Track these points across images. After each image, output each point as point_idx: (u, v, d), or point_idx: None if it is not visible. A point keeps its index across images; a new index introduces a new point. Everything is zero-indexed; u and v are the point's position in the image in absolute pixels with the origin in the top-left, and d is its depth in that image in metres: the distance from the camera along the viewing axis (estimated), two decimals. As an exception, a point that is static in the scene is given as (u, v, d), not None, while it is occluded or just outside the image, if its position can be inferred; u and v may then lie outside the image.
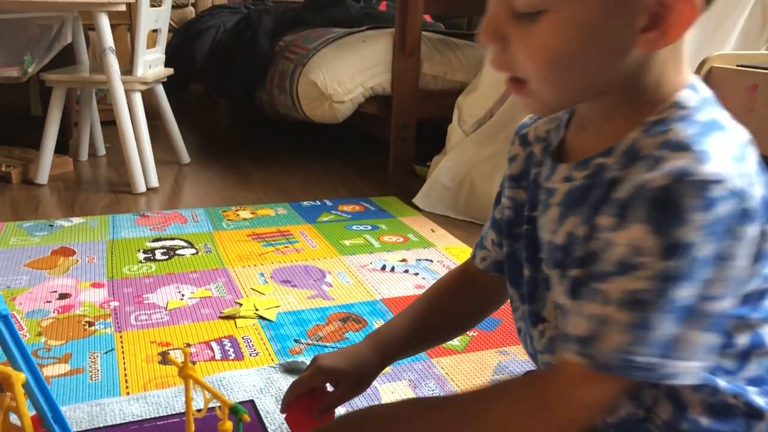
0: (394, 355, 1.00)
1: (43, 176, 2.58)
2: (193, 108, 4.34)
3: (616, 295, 0.62)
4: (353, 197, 2.54)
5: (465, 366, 1.39)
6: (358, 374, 0.97)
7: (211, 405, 0.87)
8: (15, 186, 2.57)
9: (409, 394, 1.28)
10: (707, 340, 0.62)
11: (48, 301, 1.61)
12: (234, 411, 0.79)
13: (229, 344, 1.44)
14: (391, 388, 1.30)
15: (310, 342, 1.47)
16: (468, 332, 1.53)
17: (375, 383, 1.29)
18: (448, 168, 2.41)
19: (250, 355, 1.41)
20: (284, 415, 0.99)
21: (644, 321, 0.61)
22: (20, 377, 0.89)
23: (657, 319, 0.60)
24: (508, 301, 0.90)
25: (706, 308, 0.61)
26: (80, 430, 1.12)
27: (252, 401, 1.22)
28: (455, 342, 1.48)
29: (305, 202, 2.45)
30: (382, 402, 1.23)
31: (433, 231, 2.19)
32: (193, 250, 1.97)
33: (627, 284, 0.61)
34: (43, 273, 1.77)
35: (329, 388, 0.99)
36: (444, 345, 1.46)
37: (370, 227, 2.21)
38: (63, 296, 1.64)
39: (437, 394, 1.28)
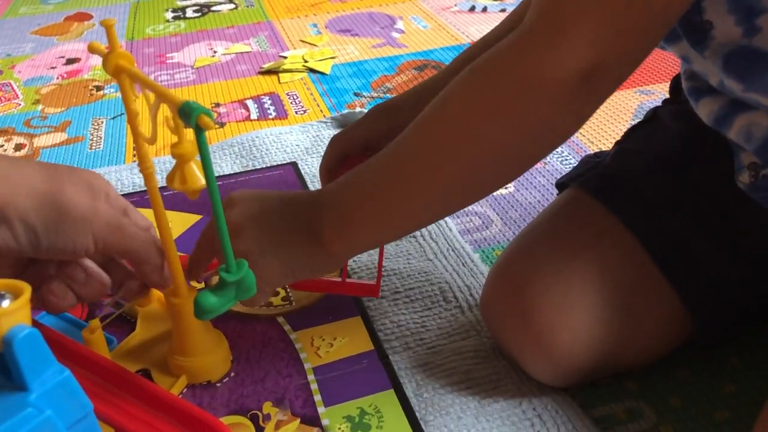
0: None
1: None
2: None
3: None
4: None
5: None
6: None
7: None
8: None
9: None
10: None
11: (53, 68, 1.29)
12: (185, 113, 0.42)
13: (269, 102, 1.09)
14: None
15: (375, 94, 1.09)
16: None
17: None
18: None
19: (296, 113, 1.05)
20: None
21: None
22: None
23: None
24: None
25: None
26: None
27: (294, 163, 0.88)
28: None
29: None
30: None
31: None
32: (232, 5, 1.58)
33: None
34: (52, 39, 1.44)
35: None
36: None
37: (452, -32, 1.73)
38: (71, 61, 1.32)
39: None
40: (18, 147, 1.01)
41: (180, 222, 0.78)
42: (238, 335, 0.60)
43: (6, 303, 0.36)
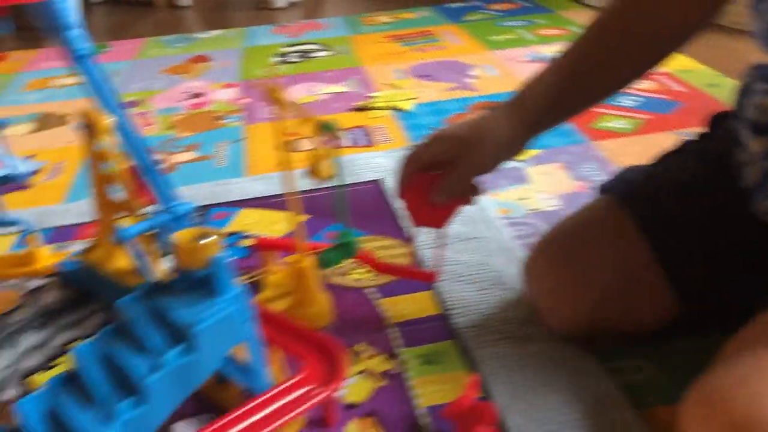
0: (539, 117, 0.70)
1: (186, -1, 2.52)
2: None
3: None
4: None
5: (633, 148, 1.16)
6: (483, 143, 0.69)
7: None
8: (160, 8, 2.54)
9: (563, 177, 1.08)
10: None
11: (180, 100, 1.55)
12: (323, 127, 0.64)
13: (361, 133, 1.31)
14: (542, 169, 1.11)
15: (450, 129, 1.29)
16: (638, 115, 1.28)
17: (521, 165, 1.12)
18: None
19: (382, 142, 1.26)
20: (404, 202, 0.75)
21: None
22: (105, 121, 0.80)
23: None
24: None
25: None
26: (203, 204, 1.06)
27: (380, 180, 1.09)
28: (622, 125, 1.24)
29: (452, 5, 2.20)
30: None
31: (599, 23, 1.87)
32: (328, 52, 1.82)
33: None
34: (178, 77, 1.72)
35: None
36: (608, 127, 1.23)
37: (524, 23, 1.93)
38: (195, 95, 1.58)
39: (597, 177, 1.07)
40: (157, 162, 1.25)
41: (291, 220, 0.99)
42: (338, 298, 0.80)
43: (208, 240, 0.57)
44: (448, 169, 0.70)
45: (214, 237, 0.56)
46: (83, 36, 0.82)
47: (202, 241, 0.56)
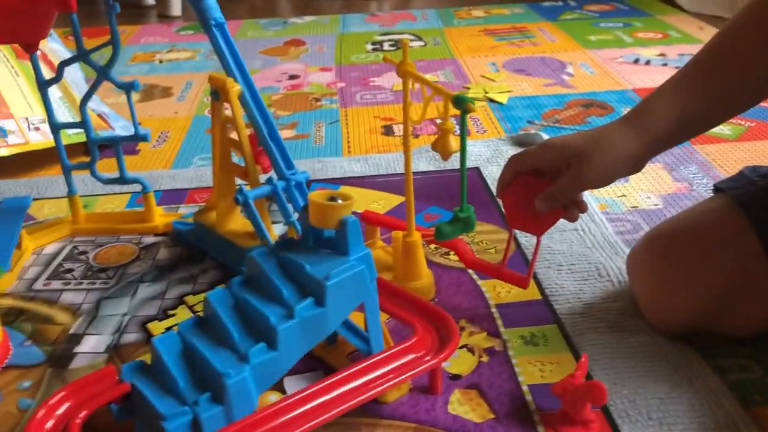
0: (663, 136, 0.68)
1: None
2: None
3: None
4: None
5: (737, 154, 1.13)
6: (601, 155, 0.67)
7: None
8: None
9: (664, 177, 1.07)
10: None
11: (278, 81, 1.60)
12: (458, 101, 0.66)
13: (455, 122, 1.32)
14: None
15: (546, 123, 1.29)
16: (741, 122, 1.25)
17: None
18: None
19: (477, 131, 1.27)
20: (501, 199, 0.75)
21: None
22: (236, 87, 0.84)
23: None
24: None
25: None
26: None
27: (477, 168, 1.10)
28: (725, 130, 1.22)
29: (545, 3, 2.19)
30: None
31: (701, 29, 1.83)
32: (422, 43, 1.84)
33: None
34: (275, 59, 1.77)
35: None
36: (711, 132, 1.20)
37: (621, 24, 1.90)
38: (293, 77, 1.62)
39: (699, 180, 1.06)
40: (259, 137, 1.30)
41: (388, 201, 1.01)
42: (439, 276, 0.82)
43: (339, 201, 0.59)
44: (555, 177, 0.69)
45: (350, 200, 0.59)
46: (216, 6, 0.86)
47: (336, 202, 0.58)
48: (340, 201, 0.59)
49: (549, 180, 0.69)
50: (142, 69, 1.73)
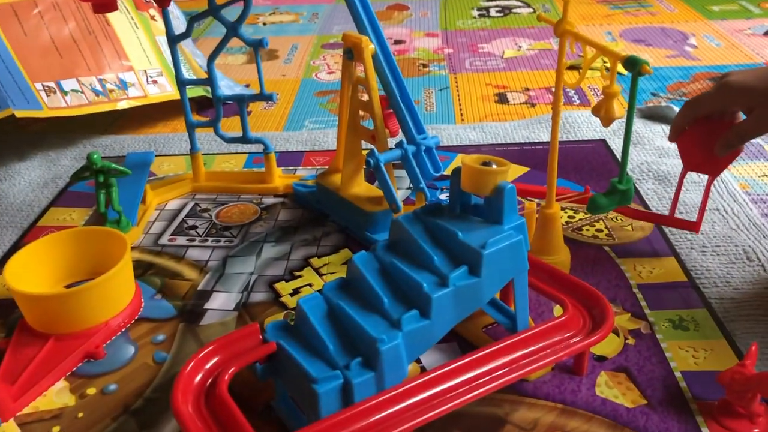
0: None
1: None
2: None
3: None
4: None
5: None
6: None
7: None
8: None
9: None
10: None
11: (384, 45, 1.57)
12: (631, 62, 0.61)
13: (573, 92, 1.26)
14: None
15: (671, 96, 1.22)
16: None
17: (760, 141, 1.03)
18: None
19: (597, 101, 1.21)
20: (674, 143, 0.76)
21: None
22: (371, 46, 0.82)
23: None
24: None
25: None
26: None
27: (603, 140, 1.04)
28: None
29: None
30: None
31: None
32: (530, 10, 1.77)
33: None
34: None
35: (741, 117, 0.71)
36: None
37: (746, -7, 1.78)
38: (398, 42, 1.59)
39: None
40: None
41: (513, 171, 0.97)
42: (574, 253, 0.77)
43: (494, 166, 0.56)
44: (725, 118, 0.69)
45: (506, 165, 0.56)
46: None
47: (492, 167, 0.55)
48: (494, 166, 0.56)
49: (726, 122, 0.69)
50: (247, 30, 1.73)
